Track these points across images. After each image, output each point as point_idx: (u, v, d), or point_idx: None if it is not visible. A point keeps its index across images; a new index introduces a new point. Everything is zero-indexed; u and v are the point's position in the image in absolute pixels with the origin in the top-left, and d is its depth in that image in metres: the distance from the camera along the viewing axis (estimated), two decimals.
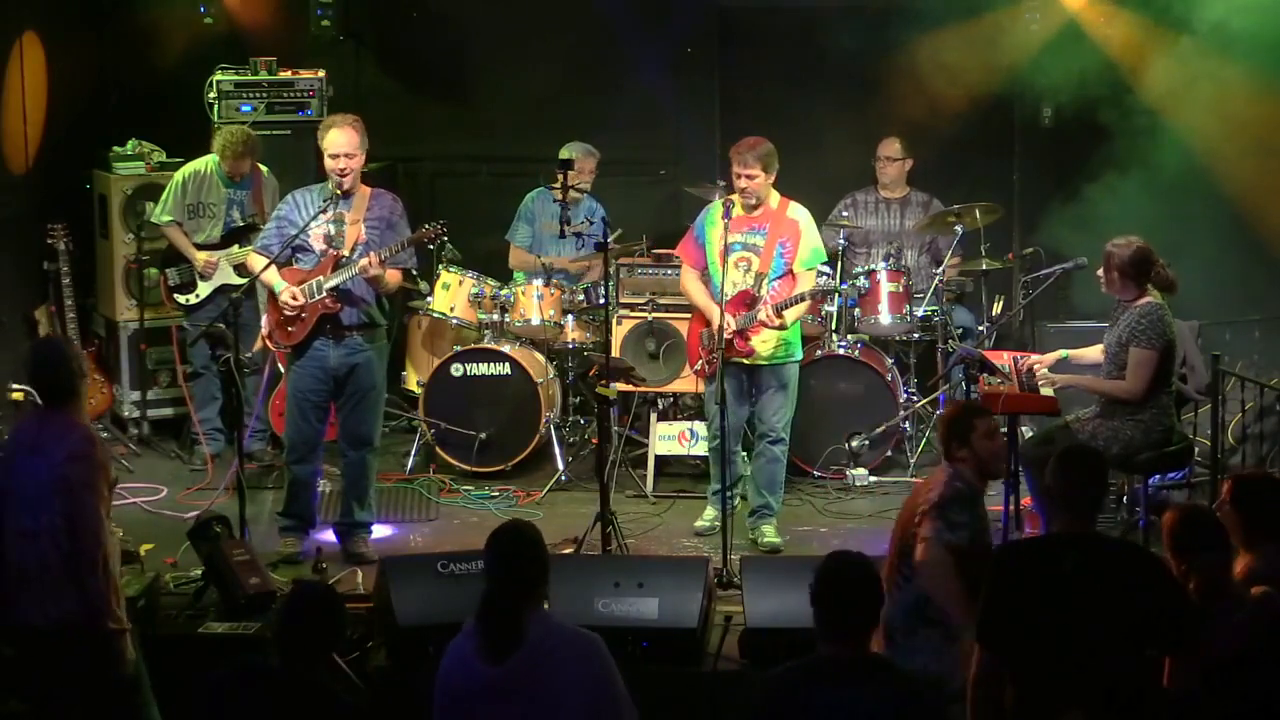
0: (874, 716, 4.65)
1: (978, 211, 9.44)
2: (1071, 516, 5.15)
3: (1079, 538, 5.11)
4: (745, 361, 7.99)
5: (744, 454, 8.52)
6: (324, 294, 7.70)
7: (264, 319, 7.96)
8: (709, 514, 8.32)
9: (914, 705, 4.72)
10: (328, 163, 7.72)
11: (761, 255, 7.96)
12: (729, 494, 7.97)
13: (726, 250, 7.87)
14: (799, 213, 8.08)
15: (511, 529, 5.15)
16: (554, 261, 9.62)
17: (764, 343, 7.97)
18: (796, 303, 7.92)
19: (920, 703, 4.75)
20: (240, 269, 9.14)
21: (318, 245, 7.77)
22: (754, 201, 7.97)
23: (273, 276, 7.71)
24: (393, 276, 7.86)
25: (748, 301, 7.92)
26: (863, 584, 4.82)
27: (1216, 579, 5.23)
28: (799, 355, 8.22)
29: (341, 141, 7.69)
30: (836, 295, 9.30)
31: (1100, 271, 7.73)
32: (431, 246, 8.23)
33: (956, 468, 5.87)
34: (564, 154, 9.68)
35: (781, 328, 7.90)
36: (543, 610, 4.99)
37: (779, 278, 7.98)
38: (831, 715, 4.66)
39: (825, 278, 8.96)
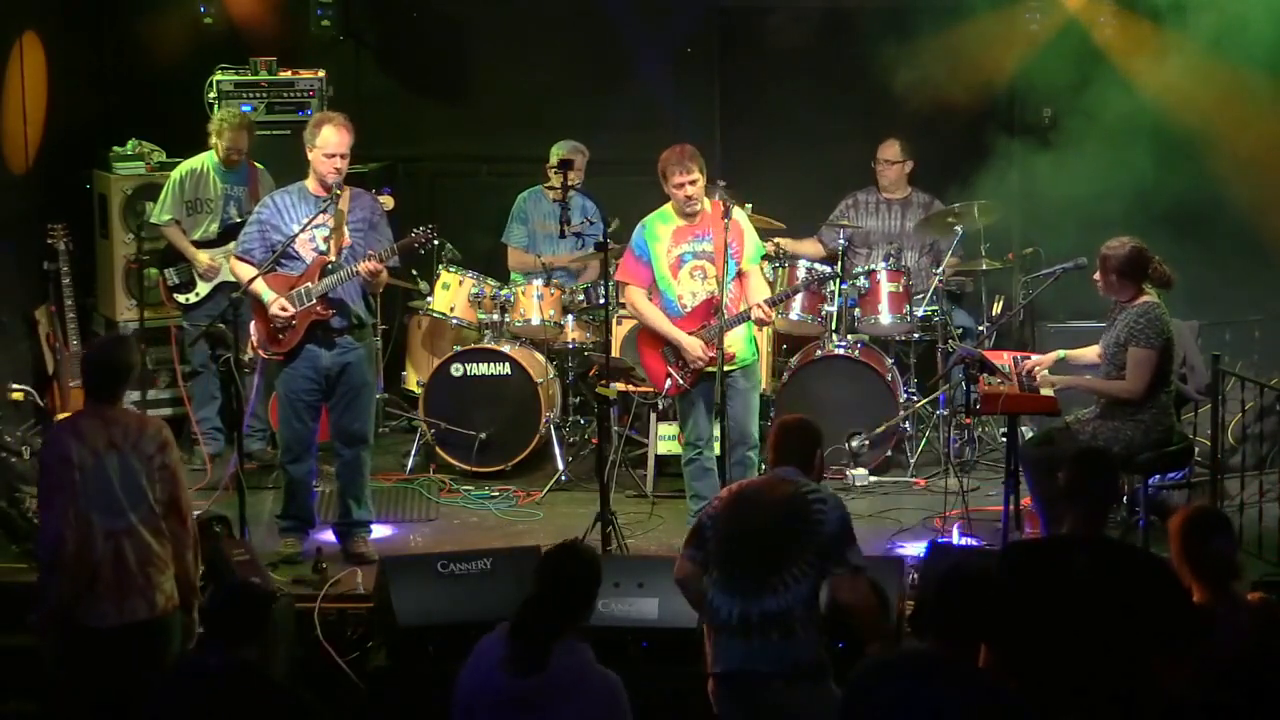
0: (944, 714, 4.61)
1: (977, 211, 9.45)
2: (1081, 518, 5.14)
3: (1088, 539, 5.11)
4: (729, 367, 7.82)
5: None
6: (313, 300, 7.70)
7: (252, 327, 7.95)
8: None
9: (989, 708, 4.65)
10: (321, 162, 7.70)
11: (714, 261, 7.85)
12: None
13: (677, 264, 7.87)
14: (734, 211, 7.97)
15: (570, 550, 5.17)
16: (553, 260, 9.63)
17: (732, 347, 7.84)
18: (790, 295, 7.89)
19: (997, 705, 4.68)
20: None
21: (304, 251, 7.77)
22: (697, 207, 7.86)
23: (260, 286, 7.71)
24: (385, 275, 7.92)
25: (714, 308, 7.83)
26: (978, 591, 4.78)
27: (1219, 567, 5.22)
28: (757, 352, 8.16)
29: (336, 141, 7.69)
30: (836, 295, 9.30)
31: (1097, 275, 7.73)
32: (421, 251, 8.23)
33: None
34: (556, 152, 9.69)
35: (768, 322, 7.90)
36: (576, 641, 4.96)
37: (733, 279, 7.91)
38: (900, 710, 4.63)
39: (815, 268, 9.02)
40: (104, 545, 5.78)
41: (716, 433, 7.94)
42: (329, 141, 7.69)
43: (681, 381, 7.92)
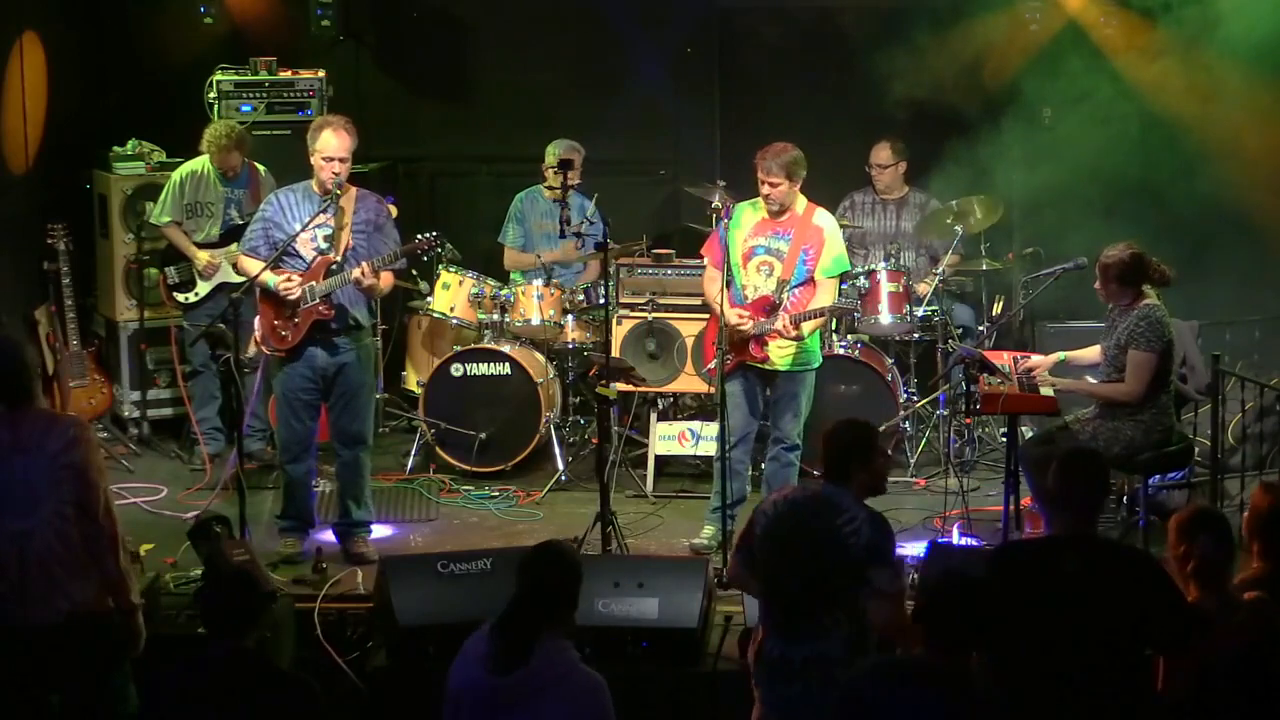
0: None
1: (977, 209, 9.45)
2: (1072, 518, 5.14)
3: (1079, 539, 5.11)
4: (763, 366, 7.93)
5: (751, 472, 8.43)
6: (317, 299, 7.70)
7: (256, 323, 7.95)
8: (708, 531, 8.10)
9: (968, 712, 4.70)
10: (321, 166, 7.69)
11: (785, 261, 7.88)
12: (730, 514, 7.83)
13: (748, 254, 7.90)
14: (824, 220, 8.00)
15: (553, 548, 5.17)
16: (551, 253, 9.62)
17: (781, 350, 7.89)
18: (816, 316, 7.84)
19: (976, 710, 4.72)
20: (237, 268, 9.15)
21: (305, 251, 7.77)
22: (776, 208, 7.91)
23: (267, 275, 7.72)
24: (386, 280, 7.91)
25: (767, 307, 7.86)
26: (969, 600, 4.81)
27: (1215, 567, 5.23)
28: (817, 364, 8.09)
29: (336, 145, 7.69)
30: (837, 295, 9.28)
31: (1097, 284, 7.73)
32: (425, 258, 8.23)
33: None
34: (553, 151, 9.70)
35: (798, 339, 7.85)
36: (562, 640, 4.96)
37: (800, 285, 7.91)
38: (894, 715, 4.66)
39: (846, 298, 8.86)
40: (8, 547, 5.66)
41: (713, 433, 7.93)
42: (328, 145, 7.69)
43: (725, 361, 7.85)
